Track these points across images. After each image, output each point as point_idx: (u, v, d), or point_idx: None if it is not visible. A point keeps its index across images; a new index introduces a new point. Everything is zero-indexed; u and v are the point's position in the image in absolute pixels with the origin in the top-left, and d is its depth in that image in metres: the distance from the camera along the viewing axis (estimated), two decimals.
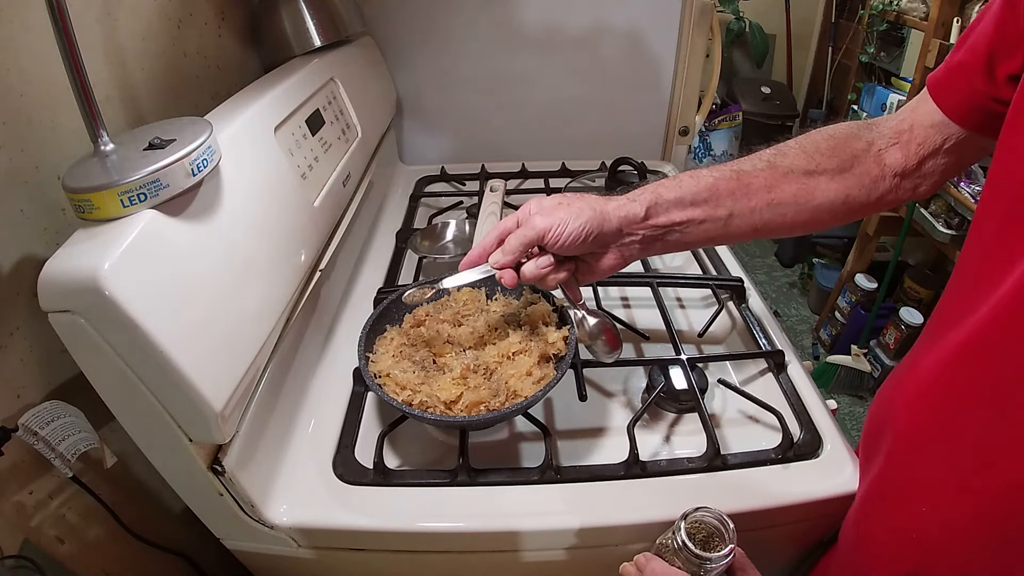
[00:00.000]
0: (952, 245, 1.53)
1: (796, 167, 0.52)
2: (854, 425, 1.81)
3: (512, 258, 0.52)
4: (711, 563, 0.41)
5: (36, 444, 0.49)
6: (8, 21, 0.49)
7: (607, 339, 0.58)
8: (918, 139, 0.50)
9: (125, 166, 0.45)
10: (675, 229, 0.53)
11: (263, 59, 0.90)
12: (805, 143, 0.53)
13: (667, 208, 0.52)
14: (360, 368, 0.60)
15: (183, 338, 0.44)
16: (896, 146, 0.51)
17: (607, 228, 0.51)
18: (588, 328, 0.58)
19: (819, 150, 0.52)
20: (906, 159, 0.51)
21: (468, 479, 0.59)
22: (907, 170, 0.51)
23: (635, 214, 0.51)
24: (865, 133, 0.53)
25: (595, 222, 0.50)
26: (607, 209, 0.51)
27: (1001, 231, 0.41)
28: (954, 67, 0.47)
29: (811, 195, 0.52)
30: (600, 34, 1.11)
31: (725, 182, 0.52)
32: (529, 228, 0.51)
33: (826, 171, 0.52)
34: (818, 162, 0.52)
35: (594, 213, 0.50)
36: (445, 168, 1.20)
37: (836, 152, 0.52)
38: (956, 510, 0.41)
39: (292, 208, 0.66)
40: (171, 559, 0.67)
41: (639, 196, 0.52)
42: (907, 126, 0.51)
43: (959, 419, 0.42)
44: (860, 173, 0.52)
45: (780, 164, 0.52)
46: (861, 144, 0.52)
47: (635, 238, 0.53)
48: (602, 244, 0.52)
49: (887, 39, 2.01)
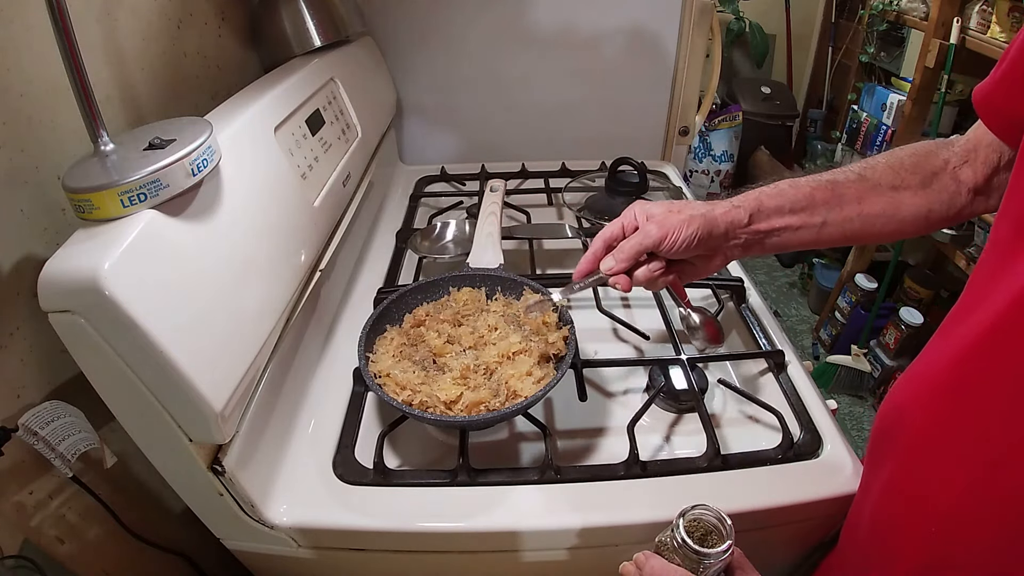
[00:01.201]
0: (952, 245, 1.53)
1: (884, 181, 0.55)
2: (854, 425, 1.81)
3: (625, 264, 0.55)
4: (710, 560, 0.41)
5: (36, 444, 0.49)
6: (8, 21, 0.49)
7: (707, 331, 0.64)
8: (981, 157, 0.53)
9: (125, 166, 0.45)
10: (774, 234, 0.56)
11: (263, 59, 0.90)
12: (891, 159, 0.57)
13: (768, 215, 0.56)
14: (360, 368, 0.60)
15: (183, 338, 0.44)
16: (967, 164, 0.54)
17: (715, 233, 0.54)
18: (693, 322, 0.64)
19: (904, 166, 0.55)
20: (975, 176, 0.53)
21: (468, 479, 0.59)
22: (978, 186, 0.53)
23: (740, 220, 0.55)
24: (943, 151, 0.56)
25: (705, 229, 0.54)
26: (715, 215, 0.54)
27: (1016, 232, 0.41)
28: (996, 81, 0.49)
29: (898, 208, 0.55)
30: (600, 34, 1.12)
31: (821, 192, 0.56)
32: (645, 236, 0.54)
33: (910, 186, 0.55)
34: (903, 177, 0.55)
35: (704, 220, 0.54)
36: (445, 168, 1.20)
37: (918, 168, 0.55)
38: (968, 509, 0.41)
39: (292, 208, 0.66)
40: (171, 559, 0.67)
41: (743, 202, 0.56)
42: (972, 145, 0.54)
43: (976, 415, 0.42)
44: (939, 189, 0.55)
45: (870, 177, 0.56)
46: (939, 162, 0.55)
47: (738, 242, 0.56)
48: (709, 247, 0.56)
49: (887, 39, 2.01)
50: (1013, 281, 0.39)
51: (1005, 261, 0.41)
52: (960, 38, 1.51)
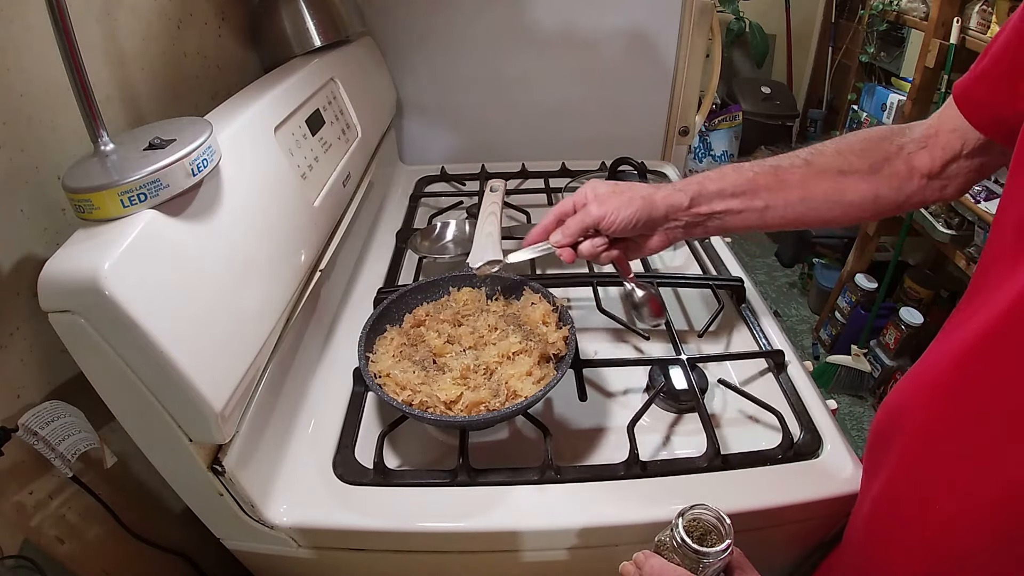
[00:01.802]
0: (952, 245, 1.53)
1: (830, 166, 0.56)
2: (854, 425, 1.81)
3: (571, 239, 0.58)
4: (709, 559, 0.41)
5: (36, 444, 0.50)
6: (8, 21, 0.49)
7: (651, 307, 0.65)
8: (941, 143, 0.53)
9: (125, 166, 0.45)
10: (715, 217, 0.58)
11: (263, 59, 0.90)
12: (840, 144, 0.57)
13: (710, 198, 0.58)
14: (360, 368, 0.60)
15: (183, 338, 0.44)
16: (924, 149, 0.54)
17: (655, 214, 0.57)
18: (636, 298, 0.65)
19: (852, 151, 0.56)
20: (932, 162, 0.54)
21: (468, 479, 0.59)
22: (933, 172, 0.54)
23: (680, 203, 0.57)
24: (897, 137, 0.56)
25: (644, 210, 0.56)
26: (655, 198, 0.57)
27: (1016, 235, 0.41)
28: (977, 76, 0.49)
29: (843, 193, 0.56)
30: (600, 34, 1.12)
31: (764, 177, 0.57)
32: (586, 214, 0.57)
33: (858, 171, 0.56)
34: (851, 162, 0.56)
35: (644, 202, 0.56)
36: (445, 168, 1.20)
37: (868, 153, 0.56)
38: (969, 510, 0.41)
39: (292, 208, 0.66)
40: (171, 559, 0.67)
41: (685, 186, 0.58)
42: (933, 131, 0.54)
43: (975, 417, 0.42)
44: (890, 174, 0.55)
45: (816, 162, 0.57)
46: (892, 147, 0.56)
47: (679, 223, 0.58)
48: (650, 228, 0.58)
49: (887, 39, 2.01)
50: (1013, 284, 0.39)
51: (1006, 263, 0.41)
52: (960, 38, 1.51)
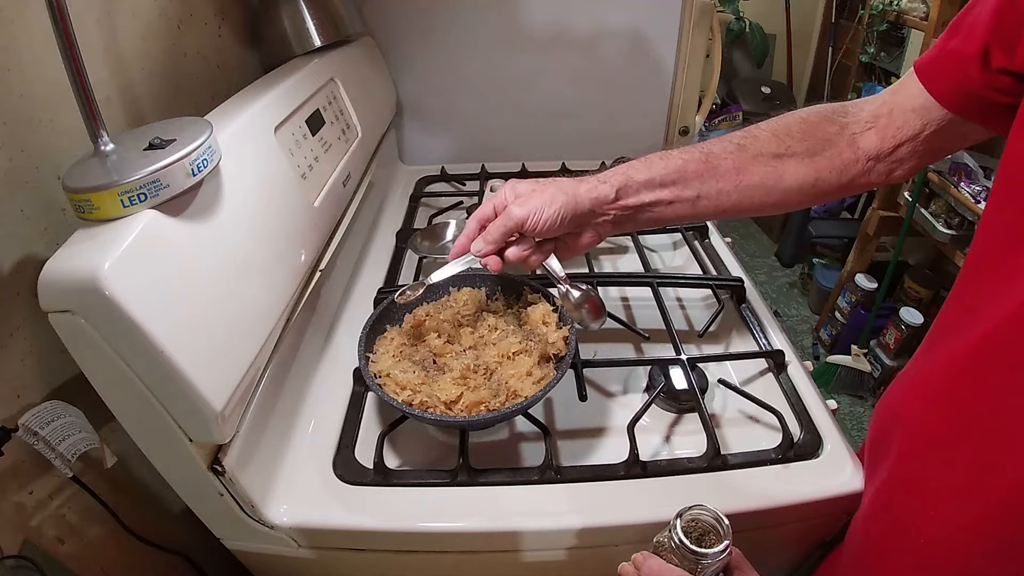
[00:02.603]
0: (952, 245, 1.53)
1: (766, 150, 0.53)
2: (854, 425, 1.81)
3: (494, 246, 0.54)
4: (707, 559, 0.41)
5: (36, 444, 0.50)
6: (8, 21, 0.49)
7: (590, 307, 0.60)
8: (896, 123, 0.50)
9: (125, 166, 0.45)
10: (645, 209, 0.55)
11: (263, 59, 0.90)
12: (777, 126, 0.54)
13: (637, 190, 0.54)
14: (360, 368, 0.60)
15: (183, 338, 0.44)
16: (872, 130, 0.52)
17: (580, 210, 0.53)
18: (573, 300, 0.60)
19: (790, 133, 0.53)
20: (881, 143, 0.51)
21: (468, 479, 0.59)
22: (881, 154, 0.51)
23: (606, 195, 0.54)
24: (840, 117, 0.53)
25: (568, 206, 0.52)
26: (579, 192, 0.53)
27: (1010, 237, 0.40)
28: (946, 53, 0.47)
29: (780, 178, 0.53)
30: (600, 34, 1.11)
31: (694, 164, 0.54)
32: (507, 218, 0.53)
33: (796, 154, 0.53)
34: (788, 145, 0.53)
35: (567, 197, 0.52)
36: (445, 168, 1.20)
37: (807, 135, 0.53)
38: (965, 514, 0.41)
39: (292, 208, 0.66)
40: (171, 559, 0.67)
41: (610, 178, 0.54)
42: (886, 110, 0.51)
43: (968, 424, 0.41)
44: (831, 156, 0.52)
45: (750, 147, 0.54)
46: (834, 128, 0.53)
47: (607, 217, 0.55)
48: (577, 225, 0.54)
49: (887, 39, 2.01)
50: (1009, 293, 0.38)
51: (998, 269, 0.40)
52: None
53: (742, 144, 0.54)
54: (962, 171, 1.48)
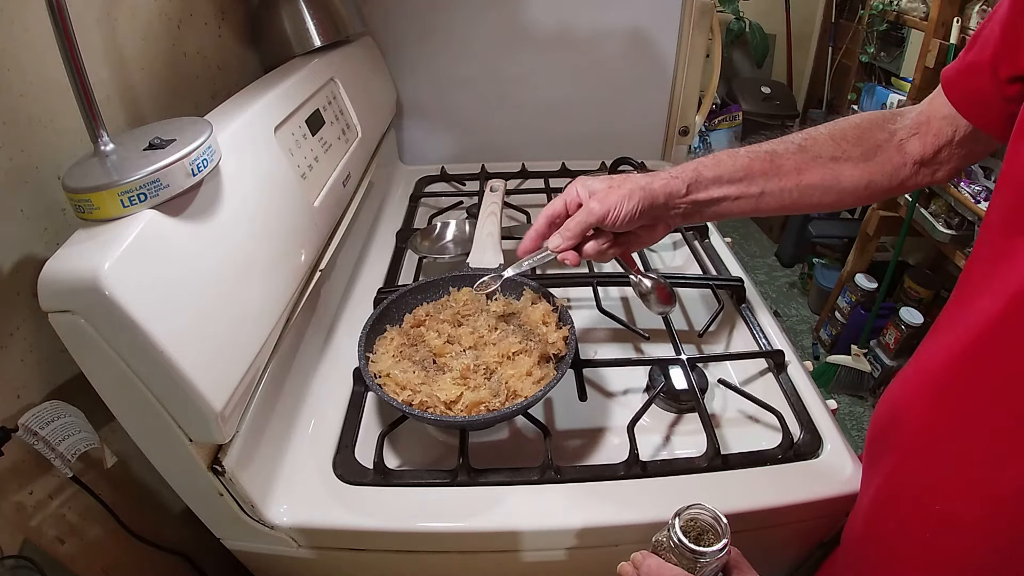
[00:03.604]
0: (952, 245, 1.53)
1: (824, 152, 0.56)
2: (854, 425, 1.81)
3: (573, 242, 0.56)
4: (706, 559, 0.41)
5: (36, 444, 0.50)
6: (8, 21, 0.49)
7: (659, 295, 0.65)
8: (933, 130, 0.53)
9: (125, 166, 0.45)
10: (712, 203, 0.58)
11: (263, 59, 0.90)
12: (834, 130, 0.57)
13: (707, 185, 0.57)
14: (360, 368, 0.60)
15: (183, 338, 0.44)
16: (916, 136, 0.55)
17: (656, 203, 0.56)
18: (644, 288, 0.65)
19: (846, 138, 0.56)
20: (923, 148, 0.54)
21: (468, 479, 0.59)
22: (925, 158, 0.54)
23: (678, 190, 0.56)
24: (889, 123, 0.56)
25: (646, 200, 0.55)
26: (654, 187, 0.56)
27: (1009, 232, 0.41)
28: (964, 65, 0.50)
29: (837, 179, 0.56)
30: (600, 34, 1.11)
31: (759, 163, 0.57)
32: (589, 214, 0.55)
33: (851, 158, 0.56)
34: (844, 149, 0.56)
35: (644, 192, 0.55)
36: (445, 168, 1.20)
37: (861, 140, 0.56)
38: (968, 509, 0.41)
39: (292, 208, 0.66)
40: (171, 559, 0.67)
41: (681, 173, 0.57)
42: (924, 118, 0.54)
43: (971, 419, 0.42)
44: (883, 160, 0.56)
45: (810, 149, 0.57)
46: (884, 134, 0.56)
47: (678, 211, 0.58)
48: (652, 218, 0.57)
49: (887, 39, 2.01)
50: (1008, 282, 0.39)
51: (997, 261, 0.41)
52: (960, 38, 1.50)
53: (803, 146, 0.57)
54: (962, 171, 1.48)
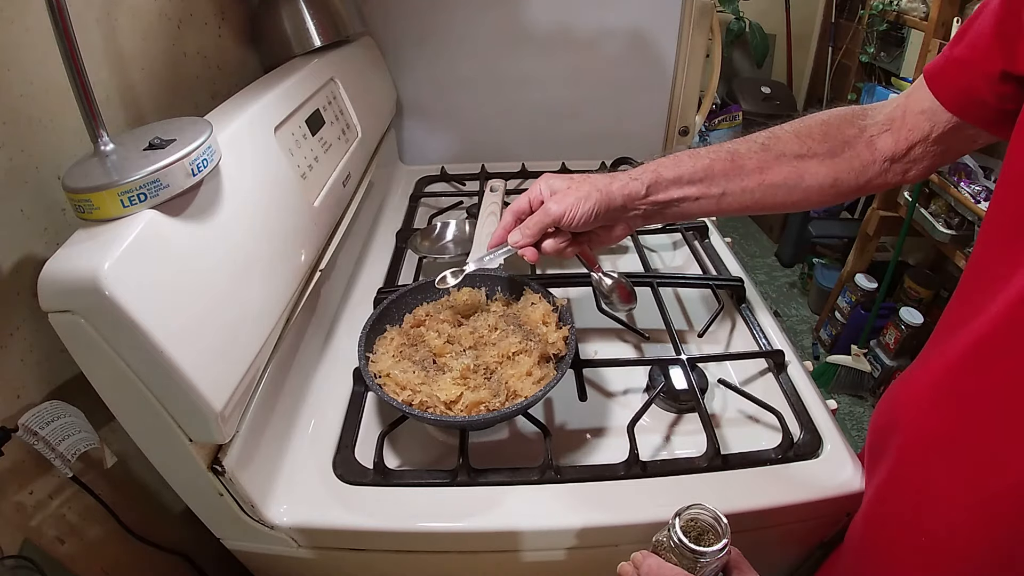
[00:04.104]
0: (952, 245, 1.53)
1: (788, 151, 0.56)
2: (854, 425, 1.81)
3: (531, 239, 0.57)
4: (706, 558, 0.41)
5: (36, 444, 0.50)
6: (8, 21, 0.49)
7: (620, 294, 0.66)
8: (908, 125, 0.52)
9: (125, 166, 0.45)
10: (673, 204, 0.58)
11: (263, 59, 0.90)
12: (799, 127, 0.57)
13: (666, 186, 0.57)
14: (360, 368, 0.60)
15: (183, 338, 0.44)
16: (888, 132, 0.54)
17: (613, 206, 0.56)
18: (605, 287, 0.66)
19: (812, 135, 0.55)
20: (896, 144, 0.53)
21: (468, 479, 0.59)
22: (896, 155, 0.53)
23: (637, 191, 0.57)
24: (859, 119, 0.55)
25: (602, 203, 0.55)
26: (612, 189, 0.56)
27: (1010, 234, 0.41)
28: (952, 60, 0.49)
29: (801, 177, 0.55)
30: (600, 34, 1.11)
31: (720, 163, 0.56)
32: (545, 214, 0.56)
33: (817, 155, 0.55)
34: (809, 146, 0.55)
35: (600, 195, 0.55)
36: (445, 168, 1.20)
37: (828, 137, 0.55)
38: (968, 511, 0.41)
39: (292, 208, 0.66)
40: (171, 559, 0.67)
41: (641, 175, 0.57)
42: (899, 113, 0.53)
43: (971, 420, 0.42)
44: (850, 157, 0.55)
45: (773, 147, 0.56)
46: (854, 130, 0.55)
47: (638, 212, 0.58)
48: (609, 219, 0.58)
49: (887, 39, 2.01)
50: (1009, 286, 0.39)
51: (1000, 263, 0.41)
52: None
53: (766, 144, 0.56)
54: (962, 171, 1.48)
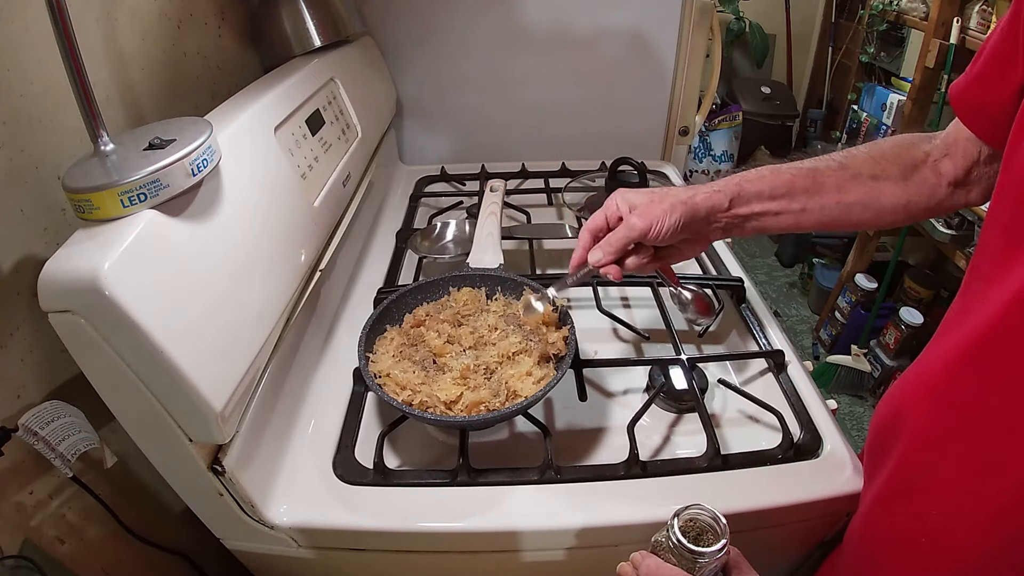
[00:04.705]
0: (952, 245, 1.53)
1: (865, 171, 0.56)
2: (854, 425, 1.81)
3: (613, 256, 0.56)
4: (704, 559, 0.41)
5: (36, 444, 0.50)
6: (8, 21, 0.49)
7: (698, 306, 0.69)
8: (961, 150, 0.53)
9: (125, 166, 0.45)
10: (753, 218, 0.58)
11: (263, 59, 0.90)
12: (873, 150, 0.57)
13: (748, 200, 0.57)
14: (360, 368, 0.60)
15: (183, 338, 0.44)
16: (947, 157, 0.55)
17: (697, 217, 0.56)
18: (683, 299, 0.68)
19: (885, 157, 0.56)
20: (955, 169, 0.54)
21: (468, 479, 0.59)
22: (957, 179, 0.54)
23: (720, 204, 0.56)
24: (924, 144, 0.56)
25: (687, 216, 0.55)
26: (696, 201, 0.56)
27: (1006, 236, 0.41)
28: (972, 81, 0.49)
29: (877, 197, 0.56)
30: (600, 34, 1.11)
31: (801, 179, 0.57)
32: (630, 229, 0.55)
33: (891, 177, 0.56)
34: (884, 168, 0.56)
35: (685, 207, 0.55)
36: (445, 168, 1.20)
37: (899, 160, 0.56)
38: (969, 512, 0.41)
39: (292, 208, 0.66)
40: (171, 559, 0.67)
41: (724, 187, 0.57)
42: (952, 139, 0.54)
43: (972, 420, 0.41)
44: (920, 181, 0.55)
45: (851, 166, 0.57)
46: (920, 154, 0.56)
47: (719, 224, 0.58)
48: (692, 232, 0.57)
49: (887, 39, 2.01)
50: (1006, 287, 0.39)
51: (997, 266, 0.41)
52: (960, 38, 1.51)
53: (844, 163, 0.57)
54: None
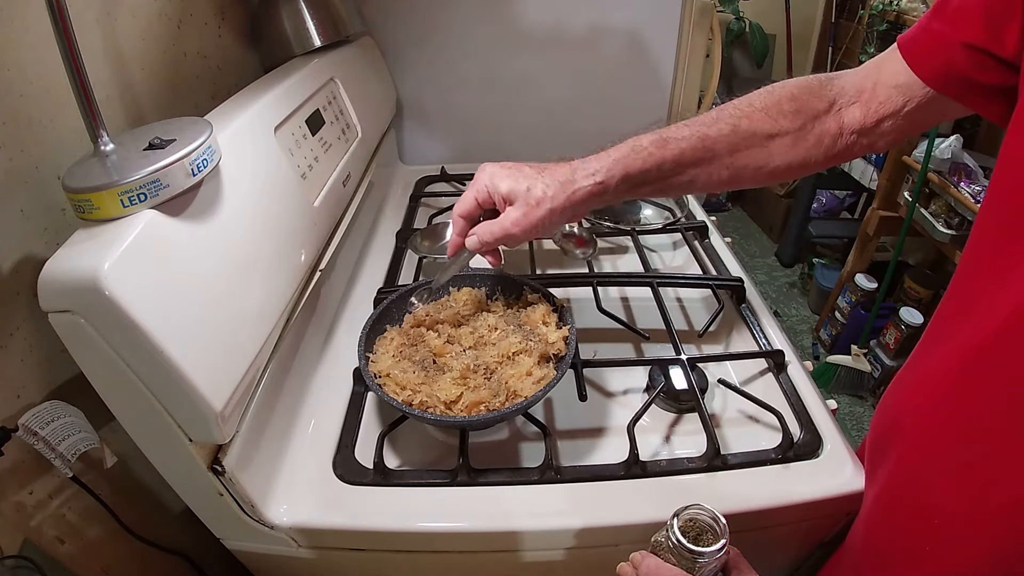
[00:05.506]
0: (952, 245, 1.53)
1: (759, 130, 0.54)
2: (854, 425, 1.81)
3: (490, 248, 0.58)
4: (704, 559, 0.41)
5: (36, 444, 0.50)
6: (8, 21, 0.49)
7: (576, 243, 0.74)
8: (880, 98, 0.51)
9: (125, 166, 0.45)
10: (636, 193, 0.58)
11: (263, 59, 0.90)
12: (768, 102, 0.55)
13: (634, 185, 0.56)
14: (360, 368, 0.60)
15: (183, 338, 0.44)
16: (856, 104, 0.53)
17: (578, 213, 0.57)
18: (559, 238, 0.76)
19: (782, 111, 0.54)
20: (864, 117, 0.52)
21: (468, 479, 0.59)
22: (865, 128, 0.52)
23: (601, 193, 0.56)
24: (827, 91, 0.54)
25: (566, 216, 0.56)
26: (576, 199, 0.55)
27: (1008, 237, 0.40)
28: (932, 33, 0.47)
29: (770, 158, 0.55)
30: (600, 34, 1.11)
31: (691, 151, 0.55)
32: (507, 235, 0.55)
33: (787, 132, 0.54)
34: (780, 124, 0.54)
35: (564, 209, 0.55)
36: (445, 168, 1.20)
37: (799, 113, 0.54)
38: (970, 518, 0.40)
39: (292, 208, 0.66)
40: (171, 559, 0.67)
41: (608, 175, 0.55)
42: (870, 84, 0.52)
43: (971, 428, 0.41)
44: (820, 132, 0.54)
45: (743, 127, 0.54)
46: (822, 104, 0.54)
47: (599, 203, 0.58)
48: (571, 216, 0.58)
49: (887, 39, 2.01)
50: (1010, 293, 0.38)
51: (996, 269, 0.40)
52: None
53: (736, 127, 0.55)
54: (962, 171, 1.48)
